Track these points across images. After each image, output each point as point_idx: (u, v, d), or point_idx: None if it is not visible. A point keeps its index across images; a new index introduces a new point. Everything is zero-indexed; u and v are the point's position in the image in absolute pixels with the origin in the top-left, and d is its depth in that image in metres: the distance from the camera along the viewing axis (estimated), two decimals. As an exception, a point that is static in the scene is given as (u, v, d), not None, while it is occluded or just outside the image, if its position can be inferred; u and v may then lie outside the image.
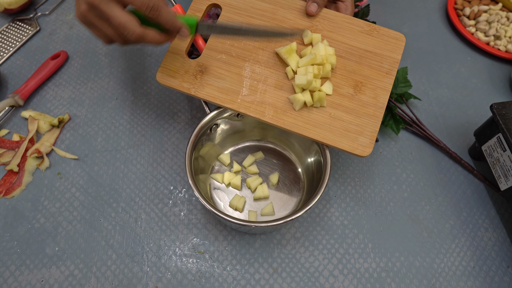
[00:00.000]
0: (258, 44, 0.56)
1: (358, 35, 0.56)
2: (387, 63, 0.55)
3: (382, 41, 0.56)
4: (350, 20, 0.57)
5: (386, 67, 0.55)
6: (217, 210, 0.49)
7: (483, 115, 0.71)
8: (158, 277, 0.55)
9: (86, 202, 0.60)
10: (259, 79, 0.55)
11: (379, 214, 0.60)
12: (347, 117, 0.53)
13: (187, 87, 0.55)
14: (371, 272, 0.56)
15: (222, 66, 0.56)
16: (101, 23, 0.45)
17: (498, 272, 0.57)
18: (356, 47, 0.56)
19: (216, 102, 0.54)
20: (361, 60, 0.55)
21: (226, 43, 0.56)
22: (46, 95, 0.70)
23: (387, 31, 0.56)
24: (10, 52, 0.75)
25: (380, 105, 0.53)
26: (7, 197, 0.60)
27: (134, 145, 0.65)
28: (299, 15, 0.57)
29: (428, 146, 0.67)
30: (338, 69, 0.55)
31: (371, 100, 0.54)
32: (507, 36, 0.79)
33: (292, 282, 0.55)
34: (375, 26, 0.56)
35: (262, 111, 0.54)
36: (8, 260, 0.55)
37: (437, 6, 0.86)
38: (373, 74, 0.55)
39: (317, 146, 0.56)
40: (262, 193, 0.59)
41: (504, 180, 0.57)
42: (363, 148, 0.52)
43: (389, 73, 0.55)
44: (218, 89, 0.55)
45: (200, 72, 0.56)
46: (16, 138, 0.65)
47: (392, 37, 0.56)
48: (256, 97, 0.54)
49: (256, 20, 0.57)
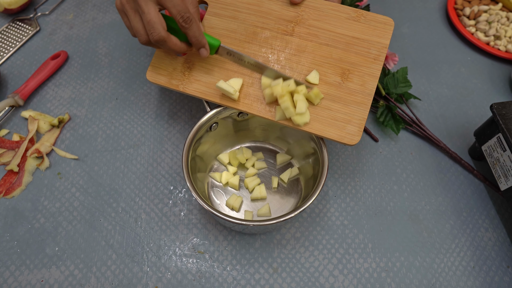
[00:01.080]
0: (245, 38, 0.56)
1: (345, 22, 0.56)
2: (375, 49, 0.54)
3: (370, 27, 0.55)
4: (336, 7, 0.56)
5: (374, 53, 0.54)
6: (214, 209, 0.49)
7: (483, 115, 0.71)
8: (158, 277, 0.55)
9: (86, 202, 0.60)
10: (246, 73, 0.55)
11: (379, 214, 0.60)
12: (334, 106, 0.53)
13: (176, 84, 0.56)
14: (371, 272, 0.56)
15: (209, 61, 0.56)
16: (134, 16, 0.48)
17: (498, 272, 0.57)
18: (343, 34, 0.55)
19: (204, 97, 0.55)
20: (348, 48, 0.55)
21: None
22: (46, 95, 0.70)
23: (374, 16, 0.55)
24: (10, 52, 0.75)
25: (368, 91, 0.53)
26: (7, 197, 0.60)
27: (134, 145, 0.65)
28: (284, 5, 0.57)
29: (428, 146, 0.67)
30: (324, 57, 0.55)
31: (359, 87, 0.53)
32: (507, 36, 0.79)
33: (292, 282, 0.55)
34: (362, 12, 0.56)
35: (250, 104, 0.54)
36: (8, 260, 0.55)
37: (437, 6, 0.86)
38: (360, 61, 0.54)
39: (314, 144, 0.56)
40: (259, 194, 0.59)
41: (504, 180, 0.57)
42: (351, 136, 0.51)
43: (377, 59, 0.54)
44: (206, 84, 0.55)
45: (188, 69, 0.56)
46: (16, 138, 0.65)
47: (380, 22, 0.55)
48: (244, 90, 0.54)
49: (242, 14, 0.57)
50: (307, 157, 0.59)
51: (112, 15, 0.82)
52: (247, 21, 0.57)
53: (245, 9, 0.58)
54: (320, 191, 0.61)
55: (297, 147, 0.61)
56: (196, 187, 0.52)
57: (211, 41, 0.52)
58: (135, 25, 0.49)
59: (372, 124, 0.69)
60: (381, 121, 0.66)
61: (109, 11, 0.83)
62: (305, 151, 0.59)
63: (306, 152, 0.59)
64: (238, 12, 0.58)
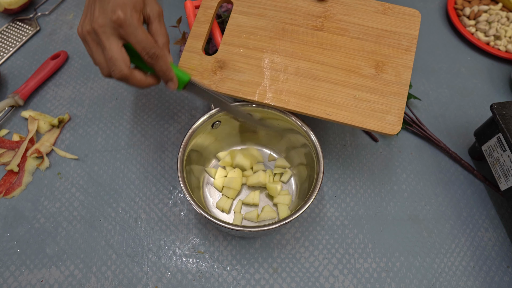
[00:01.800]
0: (274, 35, 0.57)
1: (373, 16, 0.57)
2: (405, 40, 0.56)
3: (398, 19, 0.57)
4: (363, 1, 0.58)
5: (405, 44, 0.56)
6: (210, 215, 0.48)
7: (483, 115, 0.71)
8: (158, 277, 0.55)
9: (86, 202, 0.60)
10: (279, 69, 0.55)
11: (379, 214, 0.60)
12: (372, 97, 0.53)
13: (208, 84, 0.55)
14: (371, 272, 0.56)
15: (241, 59, 0.56)
16: (96, 49, 0.45)
17: (498, 272, 0.57)
18: (373, 27, 0.56)
19: (239, 95, 0.54)
20: (379, 40, 0.56)
21: (242, 36, 0.56)
22: (46, 95, 0.70)
23: (401, 9, 0.57)
24: (10, 52, 0.75)
25: (403, 82, 0.54)
26: (7, 197, 0.60)
27: (134, 145, 0.65)
28: (311, 1, 0.58)
29: (428, 146, 0.67)
30: (357, 50, 0.56)
31: (394, 78, 0.54)
32: (507, 36, 0.79)
33: (292, 282, 0.55)
34: (389, 5, 0.57)
35: (286, 100, 0.53)
36: (8, 260, 0.55)
37: (437, 6, 0.86)
38: (392, 53, 0.55)
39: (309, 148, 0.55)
40: (252, 200, 0.59)
41: (504, 180, 0.57)
42: (392, 126, 0.52)
43: (409, 49, 0.55)
44: (240, 83, 0.54)
45: (219, 68, 0.55)
46: (16, 138, 0.65)
47: (407, 14, 0.57)
48: (279, 86, 0.54)
49: (269, 12, 0.58)
50: (305, 162, 0.59)
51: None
52: (275, 18, 0.57)
53: (272, 6, 0.58)
54: (319, 192, 0.62)
55: (295, 154, 0.61)
56: (192, 184, 0.51)
57: (180, 76, 0.49)
58: (97, 58, 0.45)
59: (372, 124, 0.69)
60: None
61: (109, 11, 0.83)
62: (302, 157, 0.59)
63: (303, 157, 0.59)
64: (265, 9, 0.58)
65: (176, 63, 0.74)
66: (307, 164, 0.58)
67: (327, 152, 0.65)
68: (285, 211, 0.57)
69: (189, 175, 0.53)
